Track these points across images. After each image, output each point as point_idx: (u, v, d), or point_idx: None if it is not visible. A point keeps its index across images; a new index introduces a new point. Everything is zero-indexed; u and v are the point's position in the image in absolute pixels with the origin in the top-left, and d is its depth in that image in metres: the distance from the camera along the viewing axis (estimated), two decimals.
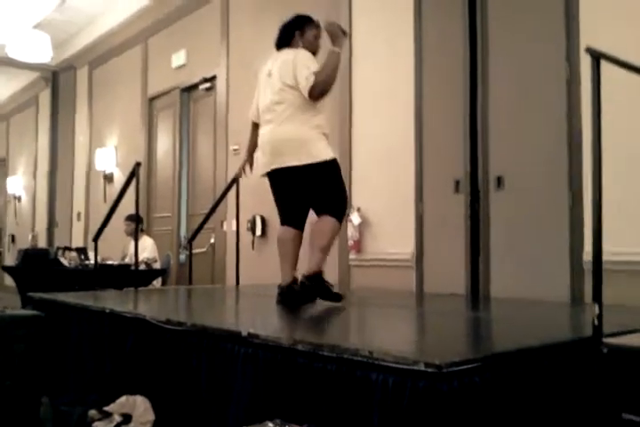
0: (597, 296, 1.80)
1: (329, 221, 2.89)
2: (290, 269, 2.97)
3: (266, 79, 3.07)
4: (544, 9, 3.50)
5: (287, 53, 3.01)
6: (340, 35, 2.92)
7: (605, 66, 1.95)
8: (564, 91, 3.36)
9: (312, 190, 2.93)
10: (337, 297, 2.89)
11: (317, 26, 3.13)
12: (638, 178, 3.07)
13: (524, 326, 2.32)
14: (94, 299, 3.30)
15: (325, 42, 2.98)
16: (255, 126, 3.23)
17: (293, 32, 3.10)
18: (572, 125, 3.32)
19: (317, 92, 2.84)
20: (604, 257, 1.87)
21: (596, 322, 1.78)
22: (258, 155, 3.11)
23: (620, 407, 1.68)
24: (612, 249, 2.73)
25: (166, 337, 2.27)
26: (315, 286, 2.84)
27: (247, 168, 3.39)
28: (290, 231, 3.00)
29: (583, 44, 2.86)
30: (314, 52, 3.04)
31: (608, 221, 1.97)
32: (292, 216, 3.03)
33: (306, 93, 2.83)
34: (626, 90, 2.93)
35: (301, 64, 2.87)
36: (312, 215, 3.04)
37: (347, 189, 3.21)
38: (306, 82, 2.81)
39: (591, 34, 3.21)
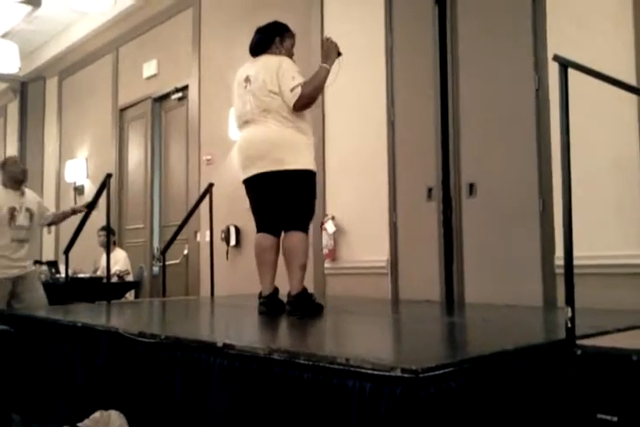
0: (570, 299, 1.83)
1: (299, 237, 2.85)
2: (271, 278, 2.95)
3: (243, 84, 3.03)
4: (512, 20, 3.56)
5: (269, 59, 2.99)
6: (334, 54, 2.96)
7: (572, 75, 1.99)
8: (533, 99, 3.42)
9: (289, 198, 2.88)
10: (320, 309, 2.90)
11: (294, 35, 3.15)
12: (606, 183, 3.14)
13: (499, 330, 2.34)
14: (65, 313, 3.24)
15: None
16: None
17: (273, 37, 3.08)
18: (542, 133, 3.38)
19: (302, 104, 2.85)
20: (576, 261, 1.90)
21: (569, 324, 1.80)
22: (234, 159, 3.05)
23: (595, 408, 1.70)
24: (583, 253, 2.79)
25: (139, 350, 2.23)
26: (304, 304, 2.84)
27: None
28: (268, 238, 2.96)
29: (550, 54, 2.93)
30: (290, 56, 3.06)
31: (578, 226, 2.00)
32: (270, 223, 2.98)
33: (290, 104, 2.84)
34: (593, 98, 3.00)
35: (287, 74, 2.87)
36: None
37: (319, 198, 3.19)
38: (291, 94, 2.82)
39: (558, 44, 3.28)
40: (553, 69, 2.78)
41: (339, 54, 2.98)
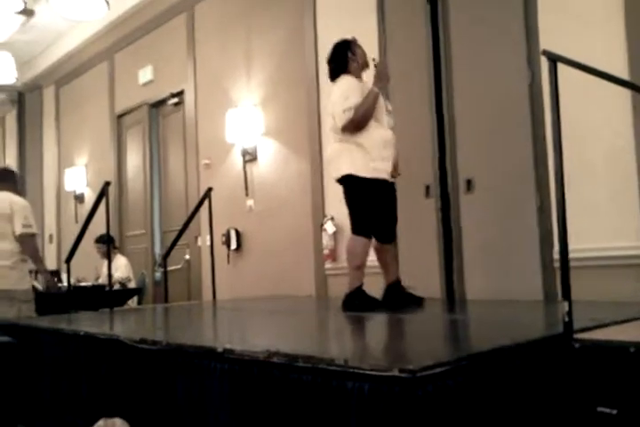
0: (566, 293, 1.83)
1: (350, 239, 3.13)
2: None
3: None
4: (504, 16, 3.56)
5: (336, 82, 3.16)
6: (386, 78, 3.08)
7: (567, 69, 1.99)
8: (527, 94, 3.43)
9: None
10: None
11: (354, 40, 3.24)
12: (602, 176, 3.14)
13: (498, 326, 2.34)
14: (68, 322, 3.25)
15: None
16: None
17: (346, 55, 3.17)
18: (536, 127, 3.38)
19: (352, 128, 2.99)
20: (573, 254, 1.90)
21: (567, 318, 1.80)
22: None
23: (595, 401, 1.70)
24: (580, 246, 2.79)
25: (142, 357, 2.24)
26: (350, 302, 3.04)
27: None
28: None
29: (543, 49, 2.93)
30: (366, 65, 3.17)
31: (574, 219, 2.00)
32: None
33: (339, 125, 2.99)
34: (587, 91, 3.00)
35: (340, 97, 3.02)
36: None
37: (318, 198, 3.17)
38: (342, 115, 2.97)
39: (550, 38, 3.28)
40: (546, 64, 2.78)
41: (388, 78, 3.12)
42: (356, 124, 2.98)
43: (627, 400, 1.65)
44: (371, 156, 3.01)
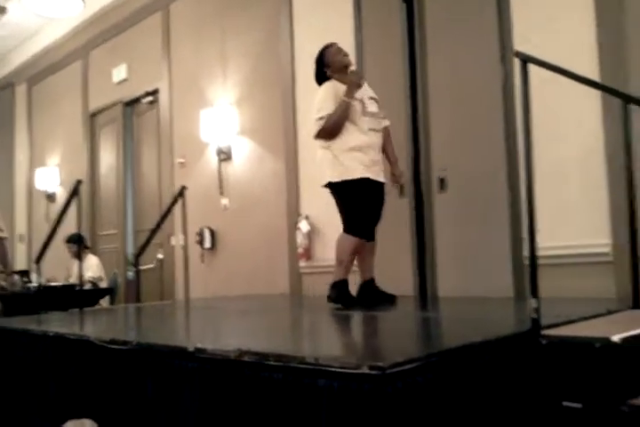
0: (534, 290, 1.86)
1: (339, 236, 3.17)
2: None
3: None
4: (478, 16, 3.61)
5: (319, 90, 3.24)
6: (355, 87, 3.12)
7: (539, 70, 2.02)
8: (501, 93, 3.47)
9: None
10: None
11: (331, 45, 3.30)
12: (573, 175, 3.19)
13: (469, 323, 2.37)
14: (37, 322, 3.19)
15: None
16: None
17: (321, 65, 3.28)
18: (510, 126, 3.42)
19: (323, 135, 3.12)
20: (543, 252, 1.93)
21: (534, 315, 1.83)
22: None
23: (561, 396, 1.73)
24: (550, 244, 2.84)
25: (112, 357, 2.21)
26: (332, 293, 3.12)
27: None
28: None
29: (516, 49, 2.97)
30: (347, 66, 3.22)
31: (545, 218, 2.04)
32: None
33: (312, 134, 3.14)
34: (559, 92, 3.04)
35: (315, 106, 3.15)
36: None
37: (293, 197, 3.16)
38: (315, 124, 3.12)
39: (523, 38, 3.33)
40: (519, 64, 2.81)
41: (359, 85, 3.16)
42: (328, 132, 3.09)
43: (591, 395, 1.68)
44: (341, 160, 3.08)
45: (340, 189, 3.12)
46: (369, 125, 3.15)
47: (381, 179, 3.17)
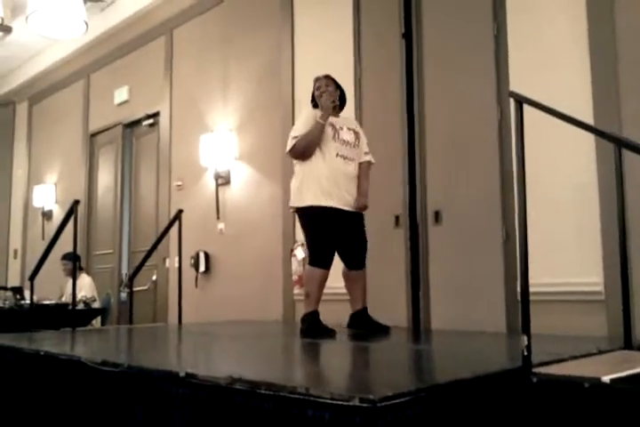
0: (526, 327, 1.88)
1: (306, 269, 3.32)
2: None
3: None
4: (475, 55, 3.69)
5: None
6: (327, 110, 3.22)
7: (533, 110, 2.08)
8: (496, 130, 3.54)
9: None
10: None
11: (317, 79, 3.43)
12: (566, 212, 3.23)
13: (460, 357, 2.37)
14: (28, 341, 3.18)
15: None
16: None
17: (313, 97, 3.44)
18: (504, 163, 3.48)
19: (293, 154, 3.24)
20: (536, 289, 1.95)
21: (525, 352, 1.84)
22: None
23: None
24: (543, 281, 2.87)
25: (103, 379, 2.20)
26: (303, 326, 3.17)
27: None
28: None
29: (512, 87, 3.04)
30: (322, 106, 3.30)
31: (538, 254, 2.06)
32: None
33: (286, 153, 3.28)
34: (554, 129, 3.10)
35: (294, 126, 3.30)
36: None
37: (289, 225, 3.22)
38: (289, 142, 3.22)
39: (519, 78, 3.41)
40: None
41: (333, 102, 3.30)
42: (298, 151, 3.19)
43: None
44: (305, 186, 3.17)
45: (299, 216, 3.23)
46: (338, 151, 3.20)
47: (348, 207, 3.19)
